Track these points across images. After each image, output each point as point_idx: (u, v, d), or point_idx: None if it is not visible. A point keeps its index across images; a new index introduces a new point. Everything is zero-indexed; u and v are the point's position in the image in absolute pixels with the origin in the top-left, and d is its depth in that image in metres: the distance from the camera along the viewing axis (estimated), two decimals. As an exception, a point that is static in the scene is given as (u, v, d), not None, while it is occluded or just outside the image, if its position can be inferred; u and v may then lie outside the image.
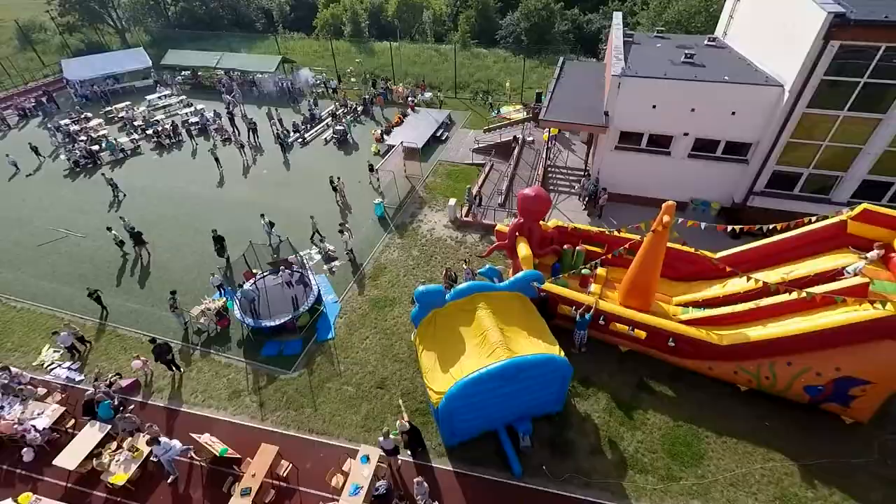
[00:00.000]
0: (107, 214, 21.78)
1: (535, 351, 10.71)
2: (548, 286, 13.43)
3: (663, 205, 12.69)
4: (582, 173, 21.73)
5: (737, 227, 13.45)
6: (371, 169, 22.28)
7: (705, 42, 22.11)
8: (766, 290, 11.85)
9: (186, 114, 30.80)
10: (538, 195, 14.54)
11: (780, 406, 12.00)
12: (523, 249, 14.51)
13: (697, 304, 14.32)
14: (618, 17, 24.07)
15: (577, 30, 45.80)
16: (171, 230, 20.51)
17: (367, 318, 15.52)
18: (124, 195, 23.01)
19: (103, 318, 15.70)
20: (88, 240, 20.14)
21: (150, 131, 28.61)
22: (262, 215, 18.86)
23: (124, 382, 13.32)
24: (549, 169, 22.02)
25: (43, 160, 26.23)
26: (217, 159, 24.93)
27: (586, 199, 19.82)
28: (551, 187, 21.27)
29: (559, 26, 43.11)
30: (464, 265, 16.08)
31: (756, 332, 11.70)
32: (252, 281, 16.13)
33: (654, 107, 17.21)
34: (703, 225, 13.25)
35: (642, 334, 13.19)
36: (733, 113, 16.47)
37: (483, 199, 19.53)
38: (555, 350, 11.10)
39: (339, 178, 21.60)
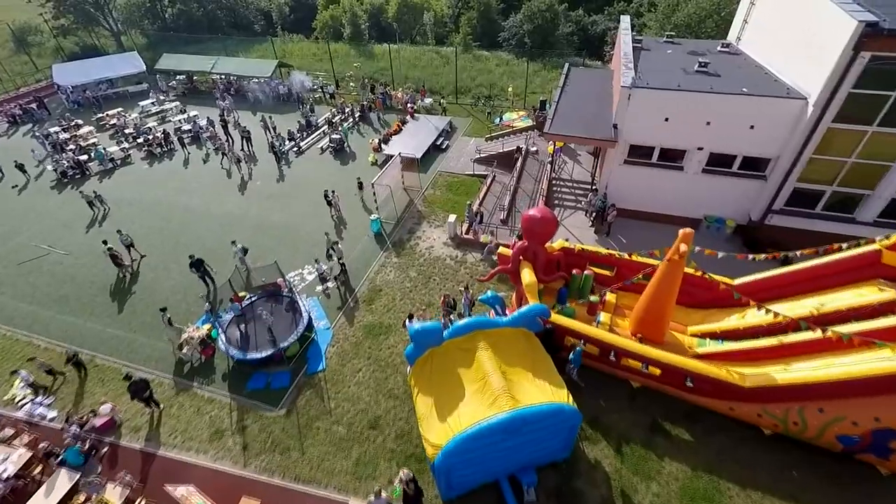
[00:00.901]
0: (93, 229, 20.90)
1: (542, 398, 9.73)
2: (554, 318, 12.43)
3: (680, 232, 11.72)
4: (589, 187, 20.69)
5: (759, 256, 12.43)
6: (360, 186, 21.19)
7: (718, 48, 21.02)
8: (793, 325, 10.86)
9: (180, 121, 29.89)
10: (544, 217, 13.53)
11: (810, 453, 10.98)
12: (527, 276, 13.52)
13: (715, 336, 13.33)
14: (626, 22, 23.00)
15: (582, 31, 44.74)
16: (158, 246, 19.61)
17: (360, 348, 14.55)
18: (107, 209, 22.07)
19: (82, 377, 14.22)
20: (72, 257, 19.26)
21: (140, 140, 27.72)
22: (234, 242, 17.67)
23: (98, 421, 12.40)
24: (554, 182, 20.99)
25: (28, 178, 25.11)
26: (239, 161, 24.43)
27: (593, 214, 18.80)
28: (556, 202, 20.26)
29: (563, 28, 42.01)
30: (461, 290, 15.09)
31: (784, 375, 10.67)
32: (234, 309, 15.11)
33: (666, 120, 16.18)
34: (720, 254, 12.23)
35: (657, 371, 12.18)
36: (752, 127, 15.43)
37: (484, 217, 18.51)
38: (563, 395, 10.12)
39: (333, 192, 20.64)
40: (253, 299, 15.66)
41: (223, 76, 34.92)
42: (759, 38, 19.40)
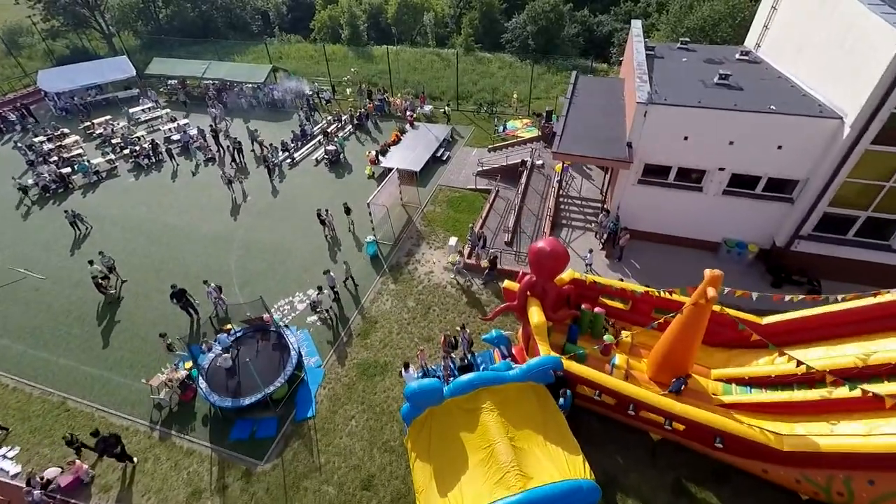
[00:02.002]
0: (74, 252, 19.74)
1: (556, 473, 8.56)
2: (568, 365, 11.22)
3: (707, 273, 10.49)
4: (598, 205, 19.44)
5: (796, 298, 11.23)
6: (347, 211, 19.71)
7: (737, 56, 19.68)
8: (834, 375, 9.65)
9: (170, 130, 28.67)
10: (554, 250, 12.27)
11: (854, 524, 9.77)
12: (535, 315, 12.29)
13: (742, 382, 12.12)
14: (637, 27, 21.64)
15: (588, 32, 43.29)
16: (140, 270, 18.45)
17: (353, 391, 13.38)
18: (89, 228, 20.86)
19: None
20: (49, 282, 18.12)
21: (128, 150, 26.52)
22: (206, 282, 16.06)
23: (64, 480, 11.28)
24: (562, 200, 19.73)
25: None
26: (230, 181, 22.72)
27: (604, 237, 17.56)
28: (564, 222, 19.02)
29: (569, 30, 40.56)
30: (459, 330, 13.90)
31: (829, 440, 9.45)
32: (213, 351, 13.88)
33: (685, 138, 14.91)
34: (754, 296, 11.00)
35: (681, 426, 10.98)
36: (780, 147, 14.15)
37: (488, 241, 17.28)
38: (579, 465, 8.95)
39: (327, 211, 19.44)
40: (238, 334, 14.49)
41: (214, 81, 33.64)
42: (781, 45, 18.06)
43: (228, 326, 15.12)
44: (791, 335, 12.10)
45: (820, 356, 11.63)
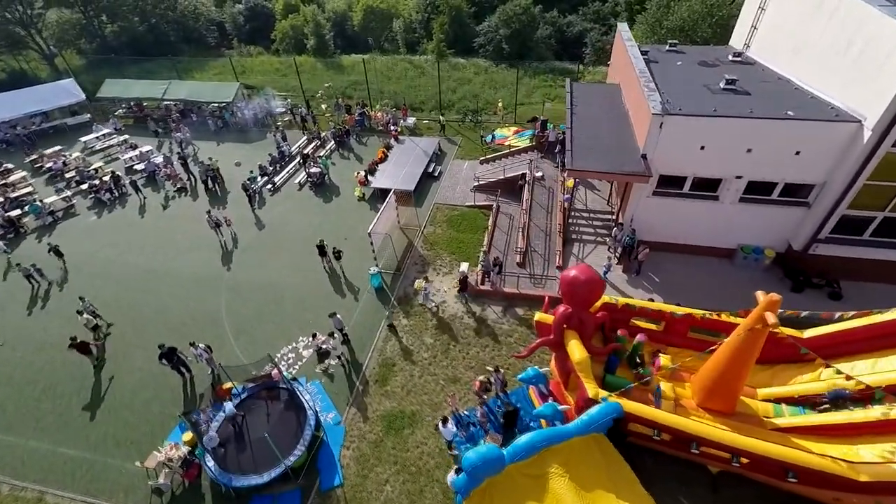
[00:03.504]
0: (35, 309, 17.43)
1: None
2: (625, 405, 10.36)
3: (760, 297, 9.91)
4: (607, 218, 18.88)
5: (847, 315, 10.88)
6: (338, 256, 18.04)
7: (730, 58, 19.60)
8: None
9: (131, 158, 26.23)
10: (589, 279, 11.43)
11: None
12: (577, 351, 11.41)
13: (792, 401, 11.67)
14: (626, 31, 21.28)
15: (559, 33, 43.13)
16: (117, 323, 16.44)
17: (382, 448, 12.12)
18: (49, 283, 18.40)
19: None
20: (6, 349, 15.83)
21: (85, 185, 24.02)
22: (193, 343, 14.10)
23: None
24: (570, 213, 19.03)
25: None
26: (217, 225, 20.09)
27: (618, 251, 16.96)
28: (574, 236, 18.31)
29: (541, 32, 40.25)
30: (490, 370, 12.89)
31: (907, 468, 9.01)
32: (212, 423, 12.22)
33: (702, 148, 14.44)
34: (804, 313, 10.55)
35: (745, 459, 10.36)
36: (797, 153, 13.88)
37: (503, 267, 16.32)
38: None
39: (322, 241, 18.04)
40: (242, 396, 12.91)
41: (176, 103, 31.21)
42: (775, 47, 18.02)
43: (228, 386, 13.50)
44: (835, 348, 11.74)
45: (866, 370, 11.34)
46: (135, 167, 25.62)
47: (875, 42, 12.48)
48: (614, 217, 18.53)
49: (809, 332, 12.10)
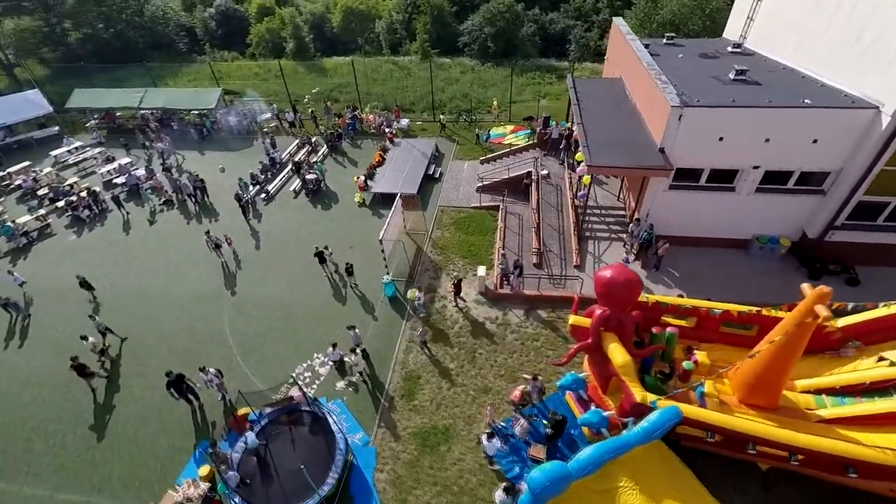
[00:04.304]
0: (12, 343, 15.94)
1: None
2: (686, 411, 9.94)
3: (807, 290, 9.69)
4: (618, 212, 18.64)
5: (892, 304, 10.79)
6: (350, 272, 16.87)
7: (729, 49, 19.69)
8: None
9: (109, 172, 24.64)
10: (627, 279, 11.04)
11: None
12: (619, 354, 10.97)
13: (833, 392, 11.53)
14: (623, 24, 21.17)
15: (542, 31, 43.11)
16: (111, 351, 15.17)
17: (419, 469, 11.41)
18: (27, 315, 16.77)
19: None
20: (-13, 387, 14.40)
21: (61, 202, 22.38)
22: (203, 369, 13.10)
23: None
24: (580, 210, 18.69)
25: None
26: (217, 246, 18.55)
27: (635, 247, 16.69)
28: (587, 234, 17.98)
29: (526, 29, 40.11)
30: (527, 379, 12.36)
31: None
32: (247, 441, 11.36)
33: (720, 139, 14.29)
34: (850, 305, 10.41)
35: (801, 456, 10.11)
36: (815, 141, 13.87)
37: (523, 269, 15.80)
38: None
39: (327, 249, 17.23)
40: (262, 422, 11.97)
41: (153, 111, 29.58)
42: (776, 36, 18.13)
43: (243, 412, 12.53)
44: (871, 336, 11.67)
45: (899, 356, 11.31)
46: (114, 181, 24.03)
47: (889, 30, 12.53)
48: (628, 213, 18.30)
49: (843, 321, 12.01)
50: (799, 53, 16.58)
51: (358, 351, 13.23)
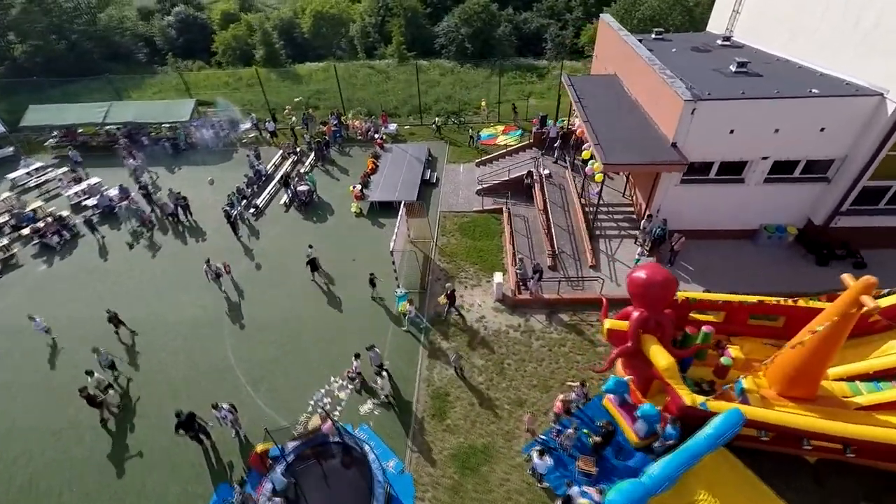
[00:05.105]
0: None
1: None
2: (746, 411, 9.70)
3: (848, 280, 9.66)
4: (626, 208, 18.55)
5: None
6: (373, 283, 16.04)
7: (719, 42, 19.98)
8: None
9: (78, 194, 22.75)
10: (665, 279, 10.79)
11: None
12: (662, 356, 10.70)
13: (866, 377, 11.61)
14: (613, 21, 21.21)
15: (516, 30, 43.13)
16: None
17: (463, 494, 10.74)
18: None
19: None
20: (-38, 444, 12.76)
21: (26, 229, 20.45)
22: (216, 405, 11.92)
23: None
24: (588, 209, 18.48)
25: None
26: (218, 275, 16.97)
27: (648, 243, 16.56)
28: (598, 232, 17.76)
29: (503, 29, 39.99)
30: (572, 386, 11.93)
31: None
32: (276, 482, 10.39)
33: (731, 132, 14.30)
34: (885, 291, 10.45)
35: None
36: (822, 129, 14.07)
37: (542, 273, 15.35)
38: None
39: (311, 247, 16.50)
40: (287, 460, 11.01)
41: (119, 127, 27.61)
42: (766, 28, 18.46)
43: (263, 448, 11.51)
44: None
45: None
46: (84, 203, 22.20)
47: (889, 15, 12.81)
48: (635, 209, 18.20)
49: (887, 299, 12.06)
50: (793, 44, 16.89)
51: (384, 373, 12.43)
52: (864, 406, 10.89)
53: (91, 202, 21.86)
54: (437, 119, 27.33)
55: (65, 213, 21.43)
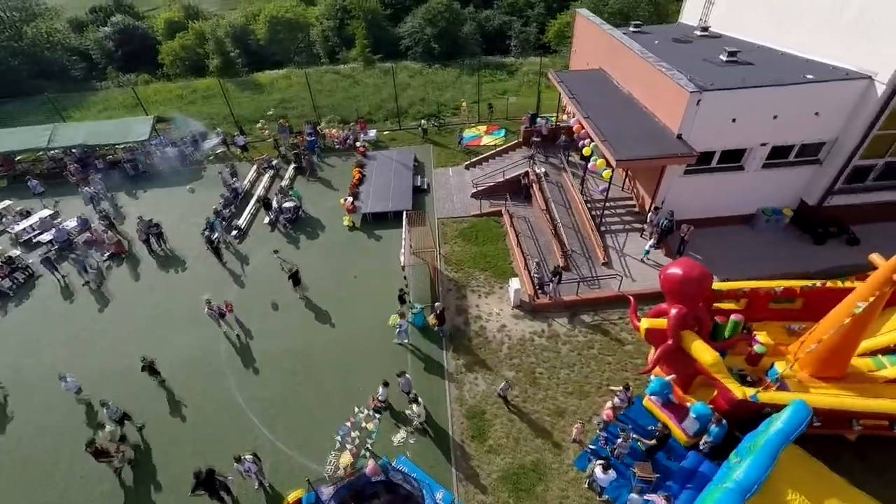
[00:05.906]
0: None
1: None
2: (814, 402, 9.66)
3: (891, 261, 9.81)
4: (627, 202, 18.56)
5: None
6: (403, 299, 15.09)
7: (698, 33, 20.42)
8: None
9: (26, 230, 20.28)
10: (701, 274, 10.62)
11: None
12: (706, 353, 10.58)
13: (889, 351, 11.99)
14: (592, 15, 21.23)
15: (479, 28, 42.91)
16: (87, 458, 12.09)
17: (521, 520, 10.17)
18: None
19: None
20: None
21: (-30, 275, 17.95)
22: (239, 458, 10.67)
23: None
24: (590, 205, 18.34)
25: None
26: (222, 315, 15.26)
27: (656, 236, 16.59)
28: (603, 227, 17.65)
29: (468, 28, 39.62)
30: (617, 391, 11.61)
31: None
32: None
33: (733, 120, 14.50)
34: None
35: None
36: (816, 114, 14.51)
37: (562, 275, 14.98)
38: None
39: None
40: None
41: (69, 151, 24.98)
42: (744, 18, 18.98)
43: (295, 497, 10.46)
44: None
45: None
46: (35, 239, 19.82)
47: (877, 4, 13.32)
48: (637, 202, 18.24)
49: None
50: (774, 33, 17.38)
51: (420, 401, 11.61)
52: (890, 379, 11.23)
53: (46, 237, 19.52)
54: (423, 122, 26.51)
55: (14, 252, 19.03)
